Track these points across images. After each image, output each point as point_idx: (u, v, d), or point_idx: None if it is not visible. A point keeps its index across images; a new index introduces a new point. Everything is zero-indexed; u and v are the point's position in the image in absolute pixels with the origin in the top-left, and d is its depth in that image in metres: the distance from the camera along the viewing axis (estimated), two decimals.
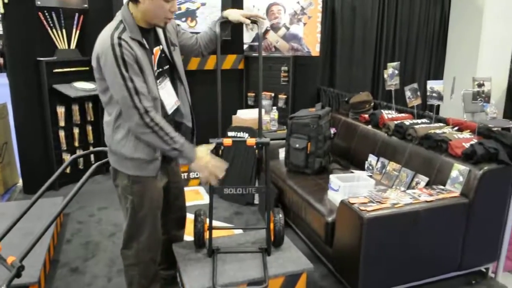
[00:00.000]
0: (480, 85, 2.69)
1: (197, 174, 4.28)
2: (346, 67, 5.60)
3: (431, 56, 6.14)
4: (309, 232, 3.00)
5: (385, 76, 3.55)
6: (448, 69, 6.21)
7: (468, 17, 5.84)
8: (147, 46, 1.88)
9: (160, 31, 2.04)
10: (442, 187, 2.70)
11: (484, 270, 2.88)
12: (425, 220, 2.46)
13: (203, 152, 2.00)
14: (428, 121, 3.28)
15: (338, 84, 5.52)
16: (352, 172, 3.40)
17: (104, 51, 1.76)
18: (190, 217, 2.51)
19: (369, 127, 3.61)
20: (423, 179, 2.89)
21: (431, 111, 3.66)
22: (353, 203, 2.45)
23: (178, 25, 2.22)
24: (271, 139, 3.96)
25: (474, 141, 2.80)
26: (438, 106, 6.38)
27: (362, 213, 2.34)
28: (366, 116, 3.72)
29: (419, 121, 3.28)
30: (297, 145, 3.32)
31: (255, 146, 2.23)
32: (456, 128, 3.07)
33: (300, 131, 3.32)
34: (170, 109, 2.05)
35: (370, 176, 3.31)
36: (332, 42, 5.46)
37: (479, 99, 2.71)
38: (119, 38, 1.77)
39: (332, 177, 2.85)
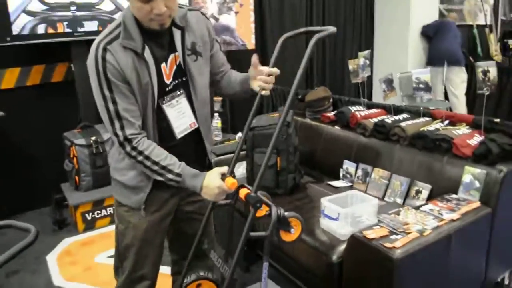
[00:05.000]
0: (485, 72, 2.26)
1: None
2: (279, 58, 5.03)
3: (360, 37, 5.84)
4: (298, 270, 2.38)
5: (351, 67, 3.04)
6: (378, 50, 5.94)
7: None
8: (146, 56, 1.55)
9: (177, 34, 1.64)
10: (455, 196, 2.25)
11: (499, 280, 2.50)
12: (455, 243, 1.98)
13: (212, 177, 1.60)
14: (409, 116, 2.82)
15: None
16: (329, 185, 2.85)
17: (89, 64, 1.53)
18: None
19: (337, 128, 3.08)
20: (424, 187, 2.43)
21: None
22: (371, 239, 1.88)
23: (217, 41, 1.84)
24: (220, 154, 3.34)
25: (478, 136, 2.40)
26: (370, 93, 6.14)
27: (390, 252, 1.78)
28: (330, 115, 3.19)
29: (399, 117, 2.82)
30: None
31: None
32: (446, 122, 2.64)
33: (266, 143, 2.64)
34: (180, 133, 1.70)
35: (351, 187, 2.81)
36: (262, 32, 4.86)
37: (485, 88, 2.28)
38: (105, 49, 1.50)
39: (325, 201, 2.25)
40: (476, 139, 2.37)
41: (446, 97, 5.66)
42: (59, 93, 3.83)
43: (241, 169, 3.11)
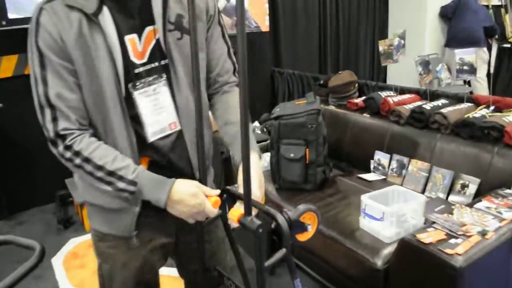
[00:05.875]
0: None
1: None
2: (291, 41, 4.76)
3: (374, 20, 5.56)
4: (336, 276, 2.15)
5: (381, 48, 2.77)
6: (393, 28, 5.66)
7: None
8: (102, 21, 1.09)
9: (156, 2, 1.16)
10: (510, 191, 2.01)
11: None
12: None
13: (187, 184, 1.14)
14: (448, 102, 2.57)
15: (285, 62, 4.67)
16: (361, 178, 2.62)
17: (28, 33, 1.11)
18: None
19: (366, 115, 2.83)
20: (471, 181, 2.19)
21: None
22: (427, 243, 1.65)
23: (220, 24, 1.31)
24: None
25: None
26: (385, 78, 5.87)
27: (453, 260, 1.55)
28: (358, 101, 2.94)
29: (438, 103, 2.56)
30: (291, 155, 2.44)
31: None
32: (492, 108, 2.39)
33: (294, 134, 2.44)
34: (154, 134, 1.20)
35: (384, 180, 2.58)
36: (274, 14, 4.57)
37: None
38: (41, 9, 1.08)
39: (366, 198, 2.02)
40: None
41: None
42: None
43: (262, 162, 2.87)
